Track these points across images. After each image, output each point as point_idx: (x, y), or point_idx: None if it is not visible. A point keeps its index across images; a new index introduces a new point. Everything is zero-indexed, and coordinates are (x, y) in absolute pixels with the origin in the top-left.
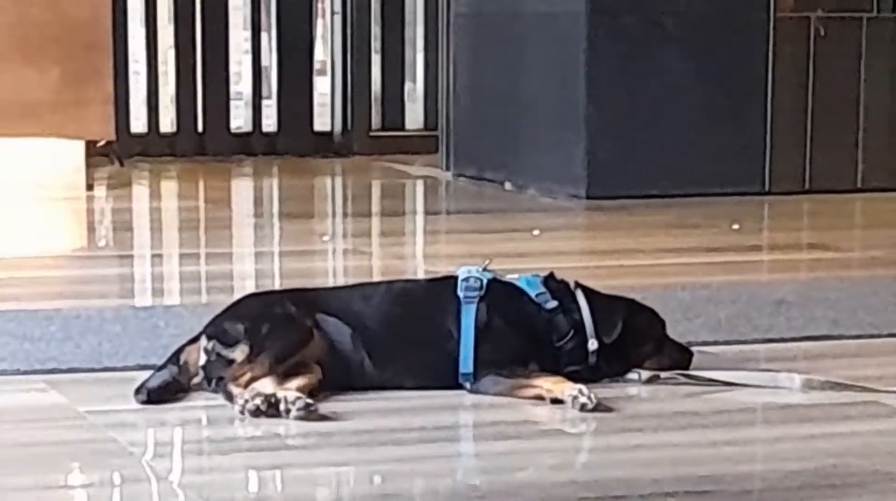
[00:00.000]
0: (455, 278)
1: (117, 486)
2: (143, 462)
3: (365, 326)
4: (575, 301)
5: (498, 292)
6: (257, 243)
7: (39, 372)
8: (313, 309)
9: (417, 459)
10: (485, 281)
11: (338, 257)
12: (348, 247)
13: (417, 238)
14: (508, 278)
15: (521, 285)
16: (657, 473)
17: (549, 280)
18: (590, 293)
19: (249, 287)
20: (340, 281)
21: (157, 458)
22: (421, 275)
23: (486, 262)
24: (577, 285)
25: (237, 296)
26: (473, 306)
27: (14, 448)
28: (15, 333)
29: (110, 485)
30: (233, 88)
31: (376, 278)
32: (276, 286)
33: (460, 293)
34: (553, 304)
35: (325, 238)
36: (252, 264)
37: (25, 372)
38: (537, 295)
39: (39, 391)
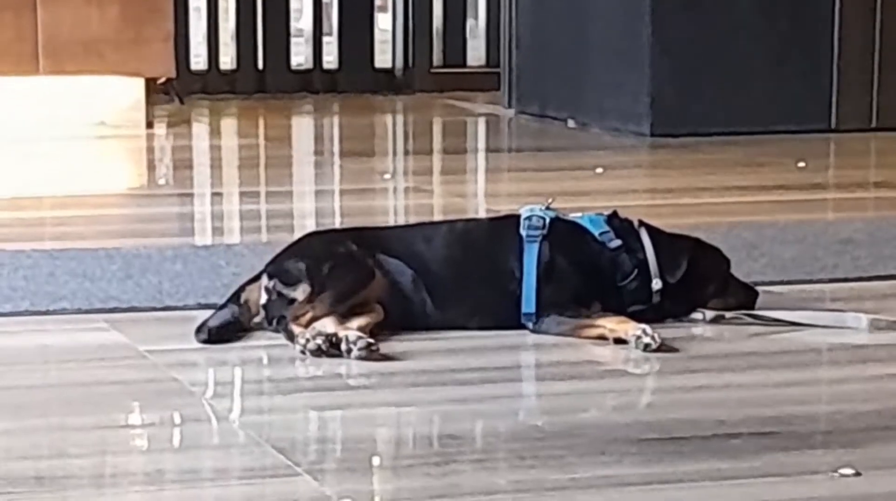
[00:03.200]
0: (517, 216)
1: (178, 426)
2: (203, 402)
3: (426, 266)
4: (639, 240)
5: (561, 231)
6: (318, 181)
7: (100, 311)
8: (375, 249)
9: (478, 399)
10: (547, 220)
11: (399, 196)
12: (409, 185)
13: (479, 177)
14: (571, 216)
15: (585, 223)
16: (721, 414)
17: (613, 219)
18: (654, 232)
19: (310, 226)
20: (401, 220)
21: (217, 398)
22: (483, 214)
23: (549, 200)
24: (641, 223)
25: (298, 235)
26: (536, 245)
27: (75, 387)
28: (75, 272)
29: (171, 425)
30: (293, 25)
31: (437, 217)
32: (337, 225)
33: (523, 232)
34: (617, 243)
35: (386, 176)
36: (312, 203)
37: (86, 311)
38: (601, 234)
39: (100, 330)
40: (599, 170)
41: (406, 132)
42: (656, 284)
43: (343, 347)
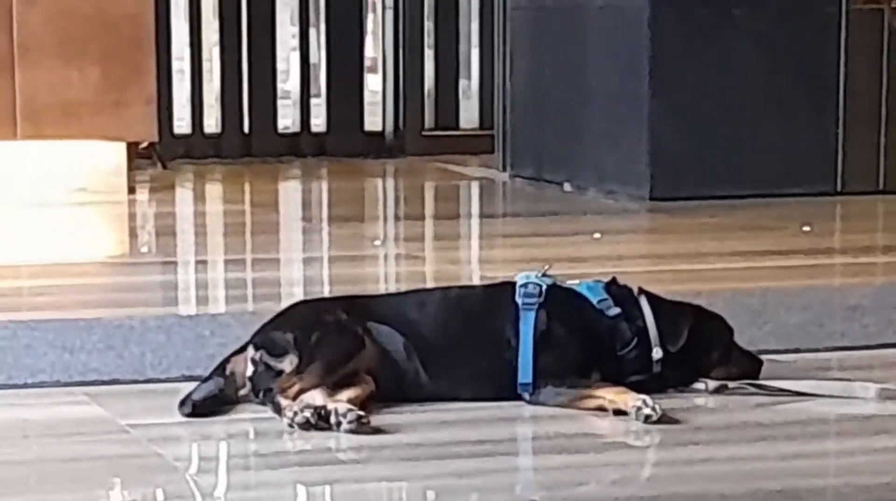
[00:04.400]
0: (513, 284)
1: None
2: (187, 478)
3: (419, 334)
4: (638, 308)
5: (558, 299)
6: (306, 248)
7: (80, 384)
8: (365, 317)
9: (473, 473)
10: (544, 287)
11: (390, 263)
12: (401, 252)
13: (473, 242)
14: (569, 284)
15: (582, 291)
16: (725, 488)
17: (612, 286)
18: (654, 300)
19: (298, 295)
20: (392, 288)
21: (202, 473)
22: (477, 281)
23: (546, 267)
24: (641, 291)
25: (285, 304)
26: (532, 314)
27: (55, 463)
28: (55, 343)
29: None
30: (280, 87)
31: (430, 284)
32: (326, 294)
33: (518, 300)
34: (616, 311)
35: (377, 243)
36: (300, 271)
37: (66, 384)
38: (599, 302)
39: (80, 404)
40: (597, 235)
41: (397, 197)
42: (657, 353)
43: (332, 420)
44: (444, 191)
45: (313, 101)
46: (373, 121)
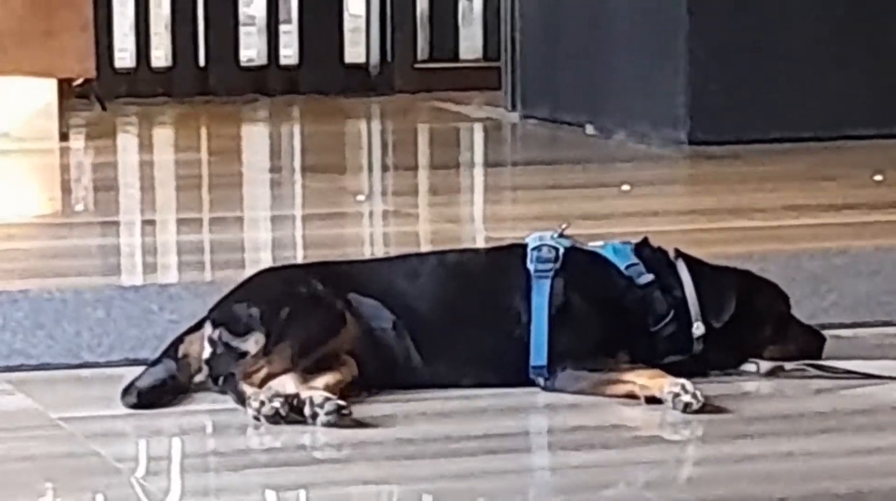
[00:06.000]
0: (524, 246)
1: None
2: (132, 482)
3: (411, 308)
4: (675, 274)
5: (578, 264)
6: (274, 204)
7: (3, 370)
8: (345, 288)
9: (477, 475)
10: (561, 250)
11: (376, 222)
12: (389, 209)
13: (476, 197)
14: (591, 246)
15: (607, 254)
16: (780, 490)
17: (643, 248)
18: (694, 264)
19: (265, 261)
20: (380, 252)
21: (150, 476)
22: (481, 243)
23: (563, 226)
24: (678, 253)
25: (250, 272)
26: (547, 282)
27: None
28: None
29: None
30: (242, 11)
31: (424, 248)
32: (299, 260)
33: (530, 266)
34: (648, 278)
35: (361, 198)
36: (268, 232)
37: None
38: (628, 267)
39: (4, 394)
40: (625, 187)
41: (384, 143)
42: (698, 328)
43: (307, 411)
44: (441, 135)
45: (282, 28)
46: (354, 52)
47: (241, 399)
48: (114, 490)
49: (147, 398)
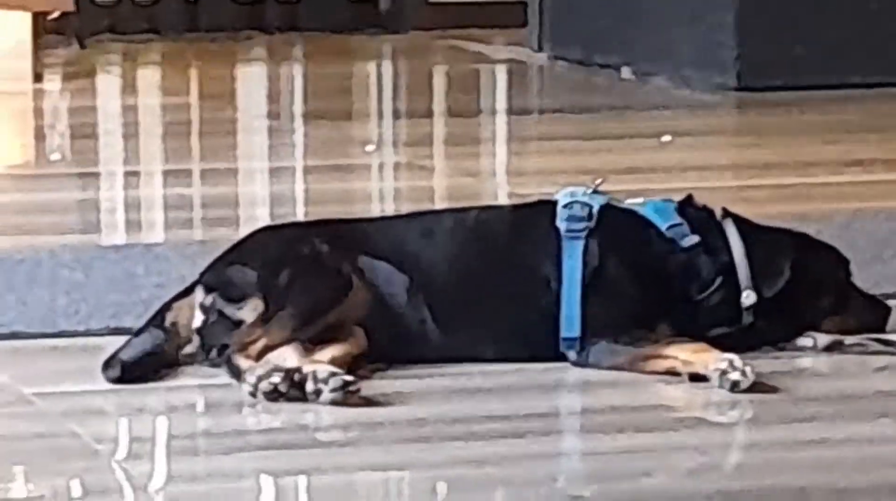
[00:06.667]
0: (553, 204)
1: (78, 499)
2: (113, 466)
3: (426, 273)
4: (723, 236)
5: (614, 224)
6: (273, 155)
7: None
8: (353, 249)
9: (499, 460)
10: (595, 208)
11: (387, 175)
12: (401, 160)
13: (499, 148)
14: (629, 203)
15: (647, 213)
16: (841, 480)
17: (687, 207)
18: (744, 226)
19: (263, 219)
20: (391, 209)
21: (132, 460)
22: (504, 200)
23: (598, 181)
24: (726, 213)
25: (246, 231)
26: (580, 244)
27: None
28: None
29: (67, 498)
30: None
31: (441, 204)
32: (301, 217)
33: (561, 225)
34: (692, 240)
35: (370, 148)
36: (266, 186)
37: None
38: (670, 228)
39: None
40: (667, 138)
41: (396, 86)
42: (748, 297)
43: (309, 387)
44: (460, 78)
45: None
46: None
47: (236, 374)
48: (92, 474)
49: (131, 371)
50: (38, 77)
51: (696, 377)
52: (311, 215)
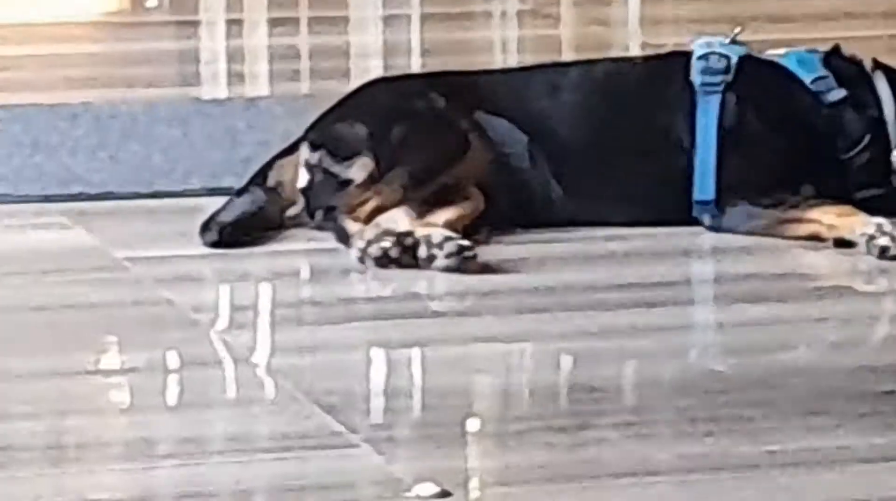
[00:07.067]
0: (688, 55)
1: (175, 372)
2: (212, 336)
3: (550, 131)
4: (872, 90)
5: (754, 77)
6: (387, 2)
7: (59, 199)
8: (471, 104)
9: (629, 332)
10: (733, 59)
11: (510, 24)
12: (525, 7)
13: None
14: (769, 54)
15: (790, 65)
16: None
17: (833, 58)
18: None
19: (375, 70)
20: (512, 61)
21: (233, 330)
22: (635, 51)
23: (737, 30)
24: (877, 64)
25: (357, 84)
26: (716, 98)
27: (27, 313)
28: (21, 140)
29: (163, 371)
30: None
31: (566, 56)
32: (415, 69)
33: (696, 78)
34: (839, 94)
35: None
36: (379, 35)
37: (38, 199)
38: (814, 80)
39: (59, 228)
40: None
41: None
42: None
43: (422, 252)
44: None
45: None
46: None
47: (344, 238)
48: (190, 345)
49: (230, 234)
50: None
51: (842, 243)
52: (426, 68)
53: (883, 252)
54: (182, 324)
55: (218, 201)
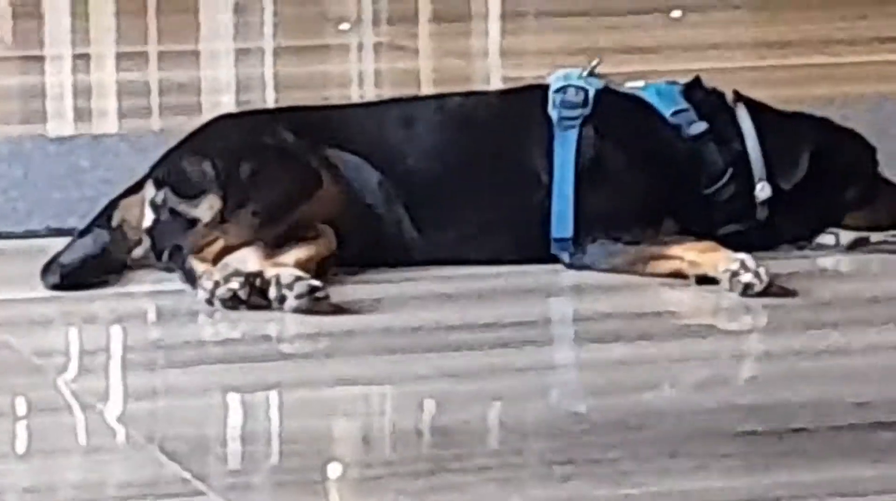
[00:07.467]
0: (545, 88)
1: (17, 418)
2: (56, 381)
3: (404, 167)
4: (734, 123)
5: (612, 110)
6: (239, 34)
7: None
8: (322, 140)
9: (486, 373)
10: (591, 92)
11: (365, 57)
12: (381, 40)
13: (490, 25)
14: (629, 86)
15: (649, 97)
16: (865, 392)
17: (694, 90)
18: (758, 111)
19: (228, 106)
20: (370, 95)
21: (78, 375)
22: (497, 84)
23: (594, 62)
24: (738, 97)
25: (205, 119)
26: (573, 133)
27: None
28: None
29: (4, 417)
30: None
31: (426, 89)
32: (270, 104)
33: (553, 112)
34: (700, 128)
35: (345, 27)
36: (231, 69)
37: None
38: (675, 113)
39: None
40: (676, 13)
41: None
42: (762, 190)
43: (272, 293)
44: None
45: None
46: None
47: (191, 279)
48: (34, 391)
49: (74, 276)
50: None
51: (704, 280)
52: (280, 102)
53: (746, 289)
54: (24, 369)
55: (61, 243)
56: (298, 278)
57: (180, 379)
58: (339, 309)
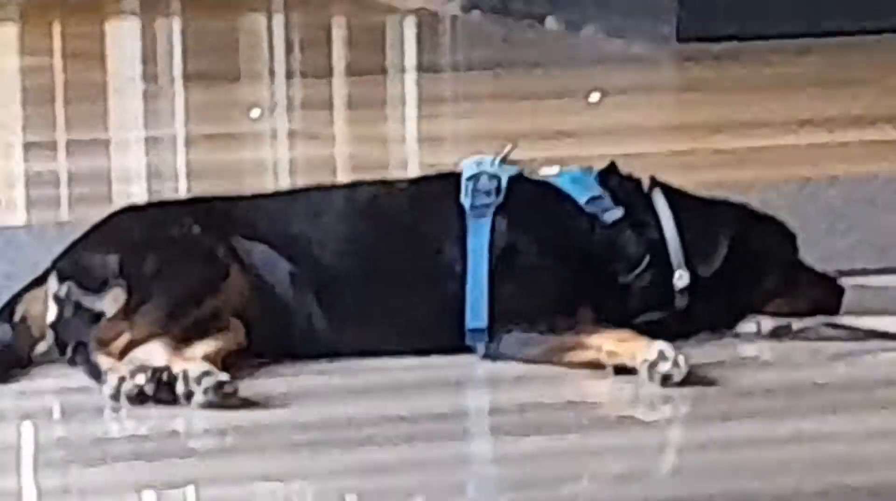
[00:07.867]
0: (457, 176)
1: None
2: None
3: (314, 257)
4: (651, 209)
5: (524, 199)
6: (149, 122)
7: None
8: (230, 230)
9: (399, 468)
10: (504, 180)
11: (279, 145)
12: (294, 128)
13: (408, 111)
14: (543, 174)
15: (564, 185)
16: (787, 484)
17: (609, 176)
18: (675, 196)
19: (137, 196)
20: (284, 183)
21: None
22: (414, 171)
23: (508, 148)
24: (655, 182)
25: (112, 210)
26: (486, 222)
27: None
28: None
29: None
30: None
31: (341, 177)
32: (179, 193)
33: (465, 201)
34: (615, 215)
35: (257, 113)
36: (140, 158)
37: None
38: (589, 201)
39: None
40: (594, 97)
41: (289, 42)
42: (680, 278)
43: (180, 388)
44: (362, 32)
45: None
46: None
47: (96, 374)
48: None
49: None
50: None
51: (623, 370)
52: (192, 192)
53: (665, 379)
54: None
55: None
56: (206, 373)
57: (86, 478)
58: (248, 403)
